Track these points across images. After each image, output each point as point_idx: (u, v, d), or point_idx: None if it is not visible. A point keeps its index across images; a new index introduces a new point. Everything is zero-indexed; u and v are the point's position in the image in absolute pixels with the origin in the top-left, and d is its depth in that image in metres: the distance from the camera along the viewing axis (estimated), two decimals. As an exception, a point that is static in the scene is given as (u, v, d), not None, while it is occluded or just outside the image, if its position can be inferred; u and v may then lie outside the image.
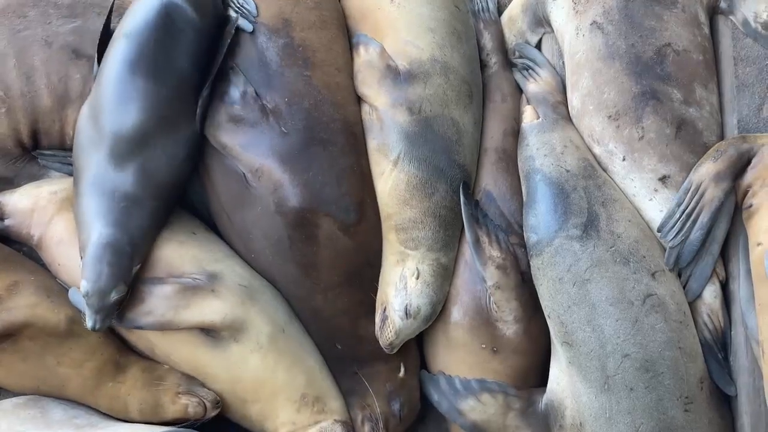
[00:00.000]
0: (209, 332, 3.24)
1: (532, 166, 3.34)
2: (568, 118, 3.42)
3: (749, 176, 3.13)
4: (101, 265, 3.11)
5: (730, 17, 3.30)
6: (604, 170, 3.29)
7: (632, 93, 3.21)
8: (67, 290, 3.31)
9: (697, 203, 3.14)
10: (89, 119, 3.26)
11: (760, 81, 3.29)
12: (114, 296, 3.11)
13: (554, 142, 3.35)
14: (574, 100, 3.35)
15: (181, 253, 3.30)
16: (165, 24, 3.28)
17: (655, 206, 3.21)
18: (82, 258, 3.18)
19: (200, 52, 3.36)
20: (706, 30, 3.31)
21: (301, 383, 3.34)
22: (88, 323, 3.10)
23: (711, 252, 3.18)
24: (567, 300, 3.15)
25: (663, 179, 3.19)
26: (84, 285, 3.12)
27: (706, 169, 3.15)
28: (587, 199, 3.21)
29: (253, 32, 3.40)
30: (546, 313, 3.25)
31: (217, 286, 3.25)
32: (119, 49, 3.26)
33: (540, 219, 3.26)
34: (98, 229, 3.15)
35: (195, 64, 3.34)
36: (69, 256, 3.33)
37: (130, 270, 3.17)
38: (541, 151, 3.35)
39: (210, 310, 3.21)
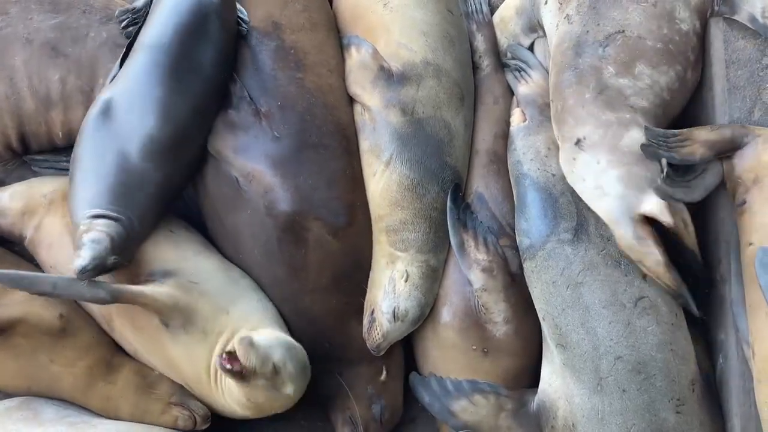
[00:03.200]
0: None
1: (520, 171, 3.35)
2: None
3: (741, 166, 3.13)
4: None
5: (734, 17, 3.30)
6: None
7: (566, 72, 3.20)
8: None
9: (676, 144, 3.11)
10: (108, 115, 3.23)
11: (752, 84, 3.28)
12: (112, 260, 3.05)
13: (539, 145, 3.36)
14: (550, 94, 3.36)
15: (154, 253, 3.28)
16: (197, 30, 3.30)
17: (579, 172, 3.14)
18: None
19: (222, 61, 3.36)
20: (683, 26, 3.27)
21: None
22: (79, 262, 3.00)
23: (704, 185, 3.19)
24: (561, 303, 3.15)
25: (578, 143, 3.13)
26: (98, 233, 3.07)
27: (698, 133, 3.15)
28: (575, 203, 3.22)
29: (244, 36, 3.41)
30: (540, 316, 3.26)
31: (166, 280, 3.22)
32: (149, 54, 3.27)
33: (531, 223, 3.26)
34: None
35: (217, 74, 3.35)
36: (60, 258, 3.33)
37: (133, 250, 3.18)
38: (528, 155, 3.36)
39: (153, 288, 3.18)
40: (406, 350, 3.59)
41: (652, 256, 3.03)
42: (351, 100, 3.49)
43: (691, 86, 3.33)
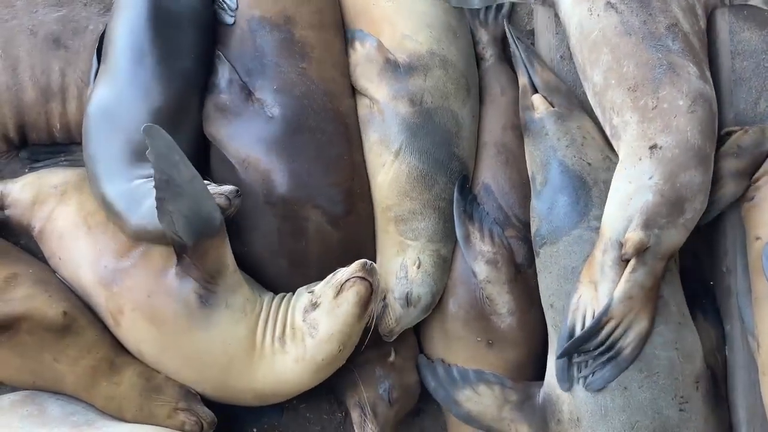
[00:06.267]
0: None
1: (553, 156, 3.31)
2: (581, 108, 3.40)
3: (759, 170, 3.16)
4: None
5: (749, 2, 3.29)
6: (618, 140, 3.22)
7: (650, 65, 3.15)
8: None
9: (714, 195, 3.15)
10: (105, 114, 3.26)
11: (757, 75, 3.29)
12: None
13: (574, 132, 3.33)
14: (595, 76, 3.26)
15: None
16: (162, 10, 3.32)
17: (632, 173, 3.11)
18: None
19: (200, 41, 3.37)
20: (702, 24, 3.29)
21: None
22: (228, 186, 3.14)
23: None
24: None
25: (653, 148, 3.09)
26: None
27: (728, 165, 3.17)
28: (606, 192, 3.17)
29: (255, 25, 3.39)
30: (549, 303, 3.23)
31: None
32: (125, 41, 3.29)
33: (559, 209, 3.23)
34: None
35: (197, 55, 3.36)
36: (70, 250, 3.32)
37: None
38: (563, 141, 3.31)
39: None
40: (410, 342, 3.59)
41: (607, 287, 3.03)
42: (353, 95, 3.48)
43: None
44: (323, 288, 3.19)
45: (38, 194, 3.41)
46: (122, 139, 3.20)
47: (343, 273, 3.15)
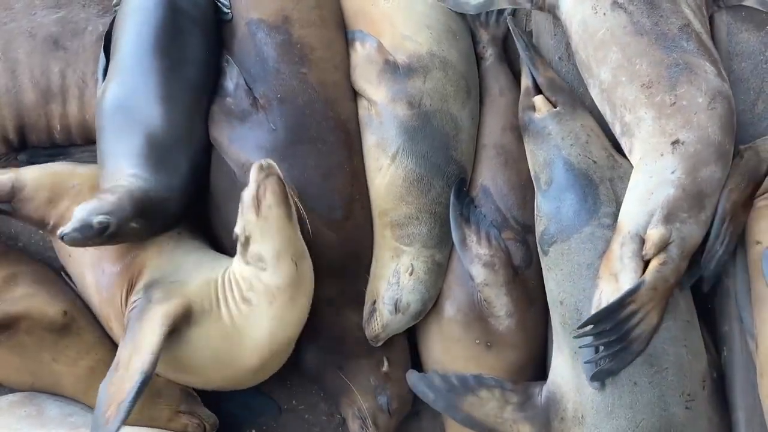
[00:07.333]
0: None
1: (558, 155, 3.29)
2: (584, 107, 3.40)
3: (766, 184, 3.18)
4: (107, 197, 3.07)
5: (744, 3, 3.31)
6: (631, 137, 3.20)
7: (664, 64, 3.14)
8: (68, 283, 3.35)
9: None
10: (119, 111, 3.24)
11: (755, 76, 3.30)
12: (97, 219, 3.00)
13: (578, 130, 3.31)
14: (603, 73, 3.24)
15: (157, 260, 3.27)
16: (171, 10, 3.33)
17: (653, 168, 3.10)
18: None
19: (211, 42, 3.39)
20: (707, 24, 3.31)
21: None
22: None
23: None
24: (590, 286, 3.11)
25: (675, 143, 3.08)
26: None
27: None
28: (613, 190, 3.19)
29: (254, 28, 3.40)
30: (559, 300, 3.20)
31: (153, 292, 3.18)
32: (134, 38, 3.29)
33: (568, 208, 3.20)
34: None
35: (207, 57, 3.37)
36: (78, 248, 3.27)
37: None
38: (567, 140, 3.30)
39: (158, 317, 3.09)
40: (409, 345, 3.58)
41: (628, 276, 3.01)
42: (355, 96, 3.48)
43: None
44: (242, 225, 3.11)
45: (54, 190, 3.36)
46: (136, 137, 3.19)
47: (248, 192, 3.07)
